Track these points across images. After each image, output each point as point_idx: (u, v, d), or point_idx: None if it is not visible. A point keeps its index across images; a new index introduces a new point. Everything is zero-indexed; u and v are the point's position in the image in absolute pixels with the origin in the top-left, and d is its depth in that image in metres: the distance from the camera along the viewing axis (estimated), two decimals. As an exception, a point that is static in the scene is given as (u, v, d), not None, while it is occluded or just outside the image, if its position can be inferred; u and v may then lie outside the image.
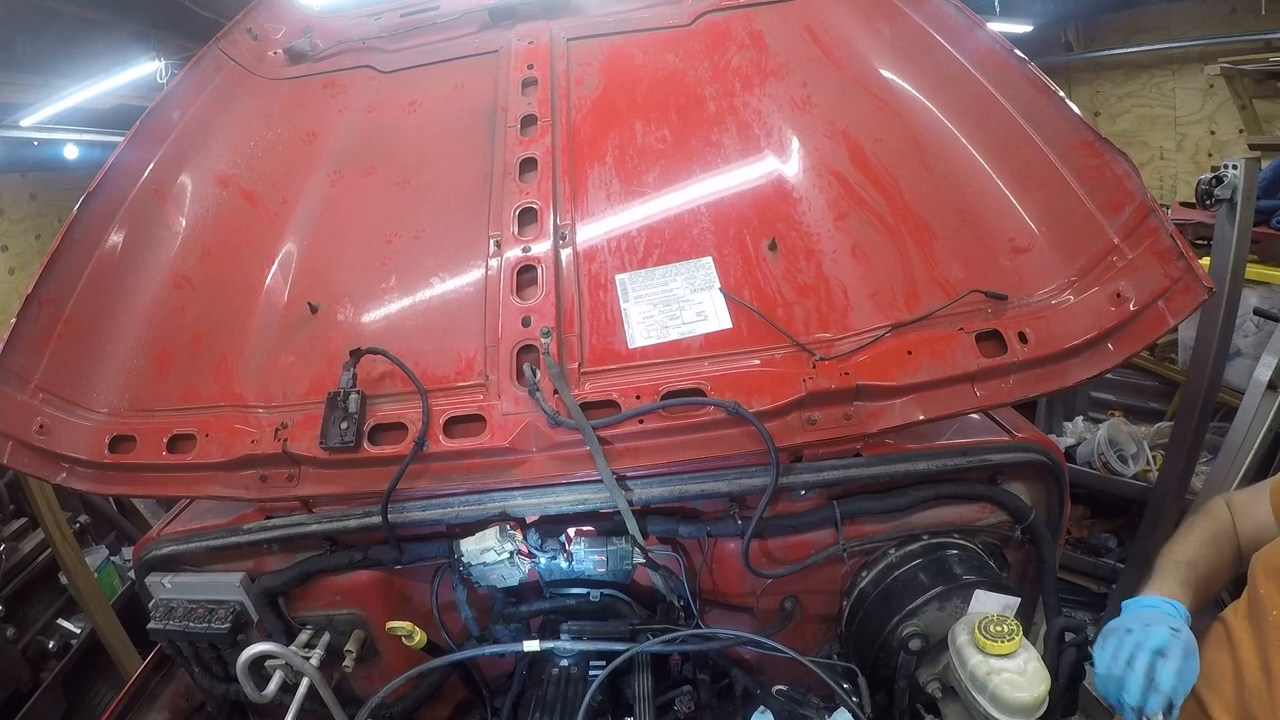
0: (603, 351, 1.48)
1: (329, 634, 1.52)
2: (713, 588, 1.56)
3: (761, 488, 1.36)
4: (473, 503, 1.41)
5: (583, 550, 1.45)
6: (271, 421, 1.47)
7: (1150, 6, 6.76)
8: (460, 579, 1.49)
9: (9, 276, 6.52)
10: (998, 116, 1.55)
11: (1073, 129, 1.44)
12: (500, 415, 1.42)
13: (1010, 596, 1.30)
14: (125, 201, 1.71)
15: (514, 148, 1.73)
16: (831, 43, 1.82)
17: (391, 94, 1.98)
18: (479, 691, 1.60)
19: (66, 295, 1.58)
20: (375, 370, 1.49)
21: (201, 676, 1.58)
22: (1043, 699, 1.16)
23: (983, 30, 1.62)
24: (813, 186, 1.60)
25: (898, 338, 1.40)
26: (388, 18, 2.19)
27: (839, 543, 1.43)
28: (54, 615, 3.17)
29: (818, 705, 1.36)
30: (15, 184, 6.73)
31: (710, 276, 1.52)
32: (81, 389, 1.55)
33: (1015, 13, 6.39)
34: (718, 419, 1.36)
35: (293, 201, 1.79)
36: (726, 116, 1.75)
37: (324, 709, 1.43)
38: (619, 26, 2.01)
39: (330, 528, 1.45)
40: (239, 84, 2.01)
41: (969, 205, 1.52)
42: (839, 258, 1.50)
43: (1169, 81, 6.87)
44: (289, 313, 1.62)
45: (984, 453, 1.43)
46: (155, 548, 1.51)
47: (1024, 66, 1.54)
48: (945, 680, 1.33)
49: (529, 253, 1.56)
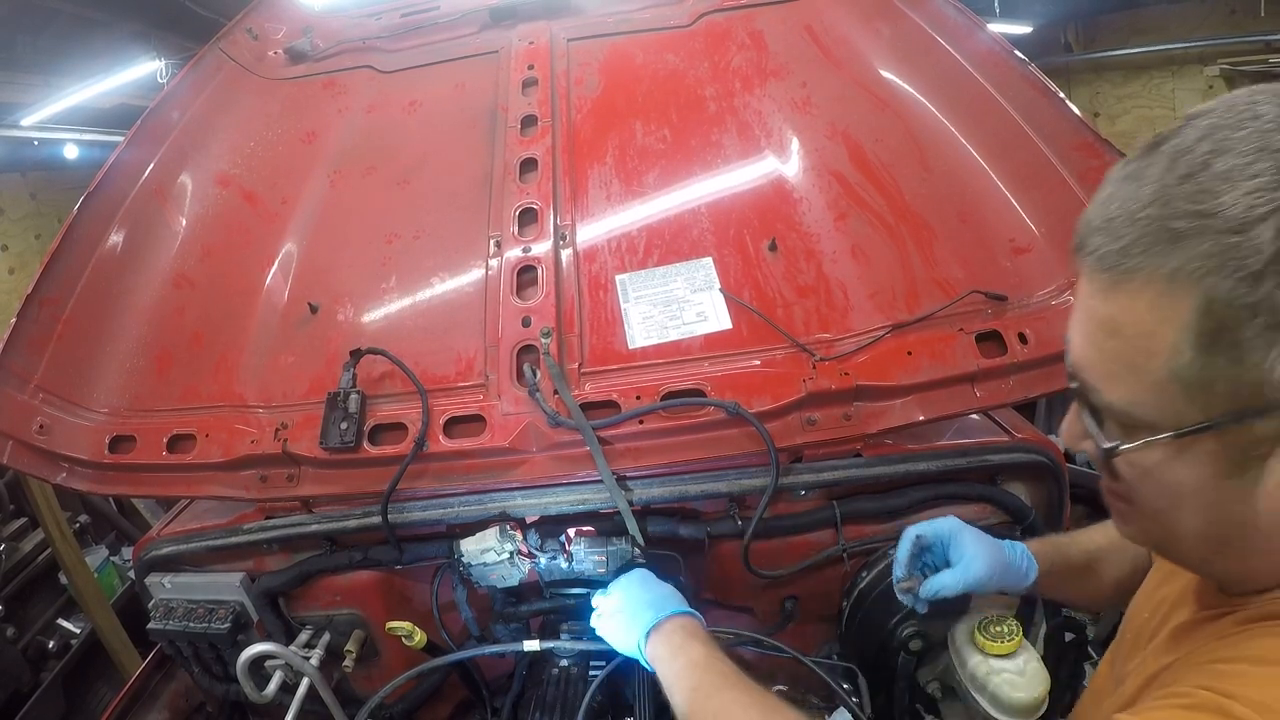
0: (603, 352, 1.48)
1: (329, 634, 1.52)
2: (713, 588, 1.56)
3: (761, 488, 1.36)
4: (473, 503, 1.41)
5: (583, 550, 1.44)
6: (271, 421, 1.47)
7: (1150, 7, 6.77)
8: (460, 579, 1.49)
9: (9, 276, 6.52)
10: (998, 117, 1.55)
11: (1073, 129, 1.44)
12: (500, 415, 1.42)
13: (1010, 597, 1.30)
14: (125, 201, 1.71)
15: (514, 148, 1.73)
16: (831, 43, 1.82)
17: (391, 94, 1.98)
18: (479, 691, 1.60)
19: (66, 295, 1.58)
20: (375, 370, 1.49)
21: (201, 676, 1.58)
22: (1043, 699, 1.16)
23: (983, 31, 1.62)
24: (813, 187, 1.60)
25: (898, 338, 1.40)
26: (388, 18, 2.19)
27: (839, 543, 1.43)
28: (54, 615, 3.17)
29: (818, 705, 1.36)
30: (15, 184, 6.74)
31: (710, 277, 1.52)
32: (81, 389, 1.55)
33: (1015, 13, 6.40)
34: (718, 419, 1.36)
35: (293, 201, 1.79)
36: (726, 117, 1.75)
37: (324, 709, 1.43)
38: (619, 27, 2.01)
39: (330, 528, 1.45)
40: (239, 84, 2.01)
41: (969, 205, 1.52)
42: (839, 258, 1.50)
43: (1168, 82, 6.88)
44: (289, 313, 1.62)
45: (984, 453, 1.43)
46: (155, 548, 1.51)
47: (1024, 67, 1.54)
48: (945, 680, 1.33)
49: (529, 253, 1.56)
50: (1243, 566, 0.67)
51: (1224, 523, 0.64)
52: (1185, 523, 0.67)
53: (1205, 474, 0.62)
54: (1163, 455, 0.63)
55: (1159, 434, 0.62)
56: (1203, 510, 0.65)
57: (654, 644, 1.12)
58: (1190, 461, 0.62)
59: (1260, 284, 0.54)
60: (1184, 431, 0.61)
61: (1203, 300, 0.56)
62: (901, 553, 1.17)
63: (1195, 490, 0.64)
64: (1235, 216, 0.55)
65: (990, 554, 1.12)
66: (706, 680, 1.02)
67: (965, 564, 1.12)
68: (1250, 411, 0.58)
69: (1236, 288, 0.55)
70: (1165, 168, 0.59)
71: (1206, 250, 0.56)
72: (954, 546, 1.15)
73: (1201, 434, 0.60)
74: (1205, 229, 0.56)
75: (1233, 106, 0.60)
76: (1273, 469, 0.59)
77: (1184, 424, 0.61)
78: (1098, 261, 0.62)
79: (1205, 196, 0.56)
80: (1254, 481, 0.60)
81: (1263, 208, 0.54)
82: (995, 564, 1.12)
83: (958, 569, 1.12)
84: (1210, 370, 0.58)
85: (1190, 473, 0.63)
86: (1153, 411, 0.62)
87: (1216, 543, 0.67)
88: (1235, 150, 0.57)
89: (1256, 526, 0.63)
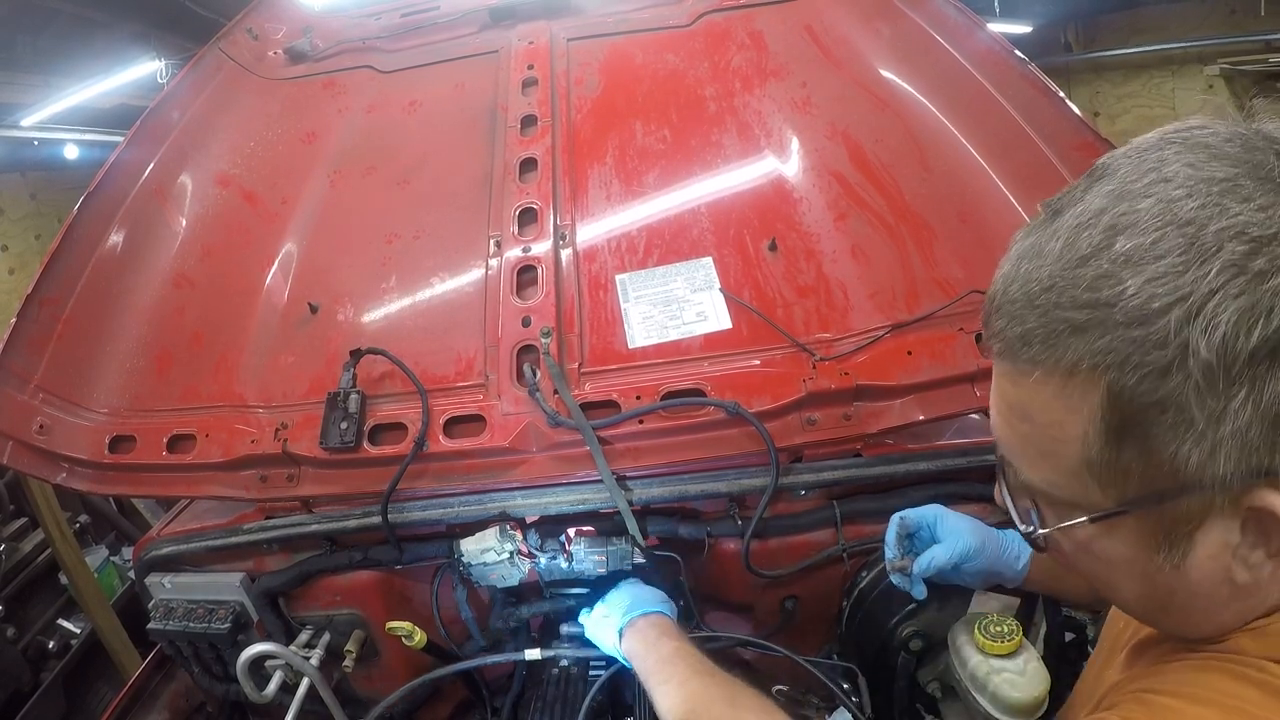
0: (603, 351, 1.48)
1: (329, 634, 1.52)
2: (713, 588, 1.56)
3: (761, 488, 1.36)
4: (473, 503, 1.41)
5: (583, 550, 1.44)
6: (271, 421, 1.47)
7: (1150, 7, 6.77)
8: (460, 579, 1.49)
9: (9, 276, 6.52)
10: (998, 116, 1.55)
11: (1073, 129, 1.44)
12: (500, 415, 1.42)
13: (1010, 596, 1.30)
14: (125, 201, 1.71)
15: (514, 148, 1.73)
16: (831, 43, 1.82)
17: (391, 94, 1.98)
18: (479, 692, 1.60)
19: (66, 295, 1.58)
20: (375, 370, 1.49)
21: (201, 676, 1.58)
22: (1043, 699, 1.16)
23: (983, 30, 1.62)
24: (813, 187, 1.60)
25: (898, 338, 1.40)
26: (388, 18, 2.19)
27: (839, 543, 1.43)
28: (54, 615, 3.17)
29: (818, 705, 1.36)
30: (15, 184, 6.74)
31: (710, 277, 1.52)
32: (81, 389, 1.55)
33: (1015, 13, 6.40)
34: (718, 419, 1.36)
35: (293, 201, 1.79)
36: (726, 117, 1.75)
37: (324, 709, 1.43)
38: (619, 27, 2.01)
39: (330, 528, 1.45)
40: (239, 84, 2.01)
41: (969, 205, 1.52)
42: (839, 258, 1.50)
43: (1168, 82, 6.88)
44: (289, 313, 1.62)
45: (984, 453, 1.42)
46: (155, 548, 1.51)
47: (1024, 67, 1.54)
48: (945, 680, 1.33)
49: (529, 253, 1.56)
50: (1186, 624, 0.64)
51: (1161, 591, 0.61)
52: (1124, 588, 0.65)
53: (1135, 548, 0.60)
54: (1090, 533, 0.61)
55: (1077, 517, 0.60)
56: (1138, 579, 0.62)
57: (628, 641, 1.23)
58: (1118, 539, 0.60)
59: (1166, 380, 0.50)
60: (1099, 516, 0.59)
61: (1107, 395, 0.53)
62: (890, 535, 1.21)
63: (1128, 562, 0.61)
64: (1136, 308, 0.50)
65: (978, 529, 1.16)
66: (676, 673, 1.09)
67: (954, 537, 1.15)
68: (1168, 494, 0.54)
69: (1141, 384, 0.51)
70: (1065, 244, 0.54)
71: (1107, 345, 0.51)
72: (940, 526, 1.18)
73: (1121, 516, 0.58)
74: (1105, 321, 0.51)
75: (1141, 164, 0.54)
76: (1201, 541, 0.56)
77: (1102, 508, 0.58)
78: (1002, 346, 0.59)
79: (1104, 283, 0.51)
80: (1183, 555, 0.57)
81: (1166, 297, 0.49)
82: (985, 538, 1.15)
83: (947, 542, 1.15)
84: (1122, 460, 0.55)
85: (1120, 548, 0.61)
86: (1069, 494, 0.60)
87: (1157, 607, 0.64)
88: (1138, 226, 0.51)
89: (1193, 594, 0.60)
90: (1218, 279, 0.48)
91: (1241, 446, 0.50)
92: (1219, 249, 0.48)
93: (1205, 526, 0.55)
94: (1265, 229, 0.48)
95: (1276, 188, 0.50)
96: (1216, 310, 0.48)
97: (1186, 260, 0.49)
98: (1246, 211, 0.49)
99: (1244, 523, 0.54)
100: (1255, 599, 0.59)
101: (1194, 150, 0.53)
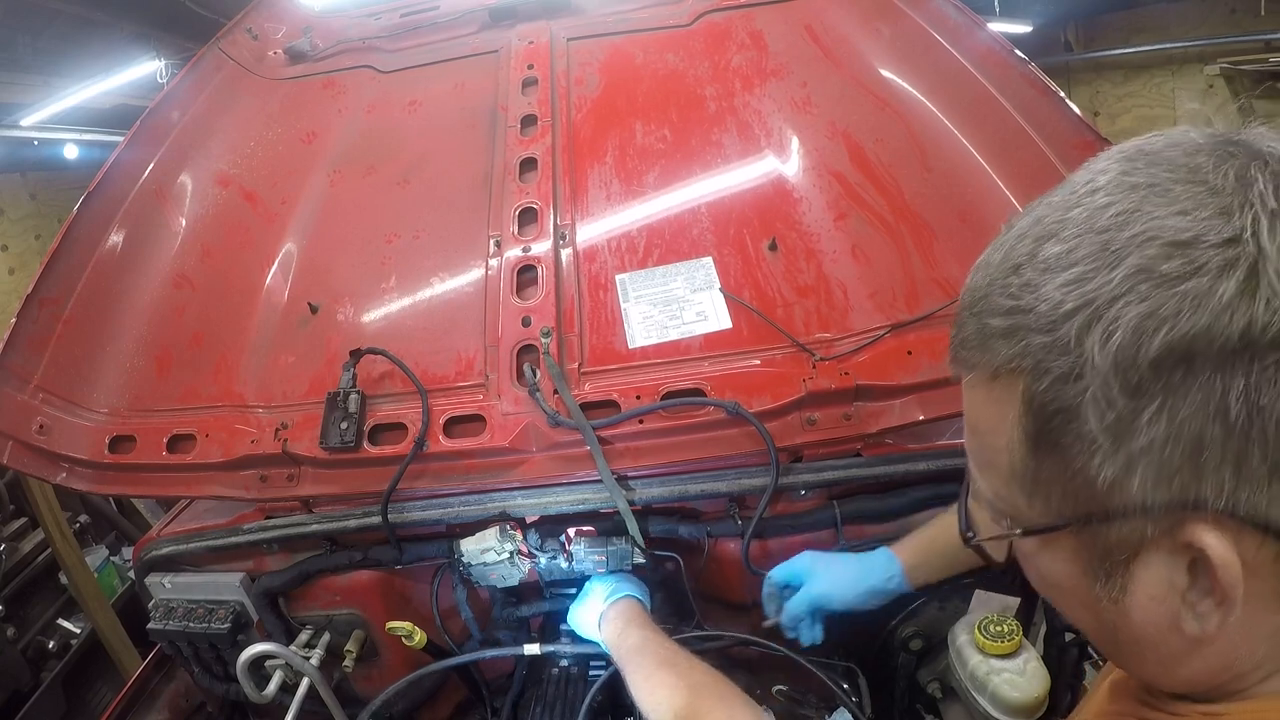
0: (603, 351, 1.48)
1: (329, 634, 1.52)
2: (712, 588, 1.55)
3: (761, 488, 1.36)
4: (473, 503, 1.41)
5: (583, 550, 1.44)
6: (271, 421, 1.47)
7: (1150, 7, 6.77)
8: (460, 579, 1.49)
9: (9, 276, 6.52)
10: (998, 116, 1.55)
11: (1073, 129, 1.44)
12: (500, 415, 1.42)
13: (1010, 596, 1.30)
14: (125, 201, 1.71)
15: (514, 148, 1.73)
16: (831, 43, 1.82)
17: (391, 94, 1.98)
18: (479, 691, 1.60)
19: (66, 295, 1.58)
20: (375, 370, 1.49)
21: (201, 676, 1.58)
22: (1043, 699, 1.16)
23: (983, 30, 1.62)
24: (813, 186, 1.60)
25: (898, 338, 1.40)
26: (388, 18, 2.19)
27: (839, 543, 1.42)
28: (54, 615, 3.17)
29: (818, 705, 1.36)
30: (15, 184, 6.74)
31: (710, 276, 1.52)
32: (81, 389, 1.55)
33: (1015, 13, 6.40)
34: (718, 419, 1.36)
35: (293, 201, 1.79)
36: (726, 116, 1.75)
37: (324, 709, 1.43)
38: (619, 26, 2.01)
39: (330, 528, 1.45)
40: (239, 84, 2.01)
41: (969, 205, 1.52)
42: (839, 258, 1.50)
43: (1169, 82, 6.88)
44: (289, 313, 1.62)
45: (984, 453, 1.42)
46: (155, 548, 1.51)
47: (1024, 66, 1.54)
48: (945, 680, 1.33)
49: (529, 253, 1.56)
50: (1143, 670, 0.60)
51: (1106, 626, 0.58)
52: (1075, 616, 0.62)
53: (1074, 572, 0.57)
54: (1029, 547, 0.59)
55: (1014, 530, 0.59)
56: (1083, 608, 0.59)
57: (604, 630, 1.30)
58: (1056, 558, 0.58)
59: (1069, 387, 0.49)
60: (1030, 530, 0.57)
61: (1022, 401, 0.52)
62: (764, 596, 1.37)
63: (1071, 587, 0.58)
64: (1045, 313, 0.49)
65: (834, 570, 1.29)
66: (644, 664, 1.18)
67: (807, 585, 1.30)
68: (1093, 517, 0.52)
69: (1049, 390, 0.50)
70: (1003, 255, 0.55)
71: (1022, 350, 0.51)
72: (806, 573, 1.31)
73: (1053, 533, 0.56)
74: (1019, 327, 0.51)
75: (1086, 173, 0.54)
76: (1138, 578, 0.53)
77: (1033, 524, 0.57)
78: (951, 355, 0.60)
79: (1024, 291, 0.51)
80: (1122, 590, 0.54)
81: (1071, 303, 0.48)
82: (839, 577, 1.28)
83: (801, 591, 1.30)
84: (1043, 472, 0.53)
85: (1060, 568, 0.58)
86: (1008, 506, 0.59)
87: (1108, 641, 0.60)
88: (1062, 235, 0.51)
89: (1137, 638, 0.56)
90: (1123, 284, 0.47)
91: (1158, 467, 0.48)
92: (1129, 254, 0.47)
93: (1142, 560, 0.52)
94: (1182, 233, 0.46)
95: (1208, 190, 0.47)
96: (1117, 316, 0.46)
97: (1096, 266, 0.48)
98: (1166, 215, 0.47)
99: (1191, 564, 0.50)
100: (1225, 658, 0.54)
101: (1135, 159, 0.52)
